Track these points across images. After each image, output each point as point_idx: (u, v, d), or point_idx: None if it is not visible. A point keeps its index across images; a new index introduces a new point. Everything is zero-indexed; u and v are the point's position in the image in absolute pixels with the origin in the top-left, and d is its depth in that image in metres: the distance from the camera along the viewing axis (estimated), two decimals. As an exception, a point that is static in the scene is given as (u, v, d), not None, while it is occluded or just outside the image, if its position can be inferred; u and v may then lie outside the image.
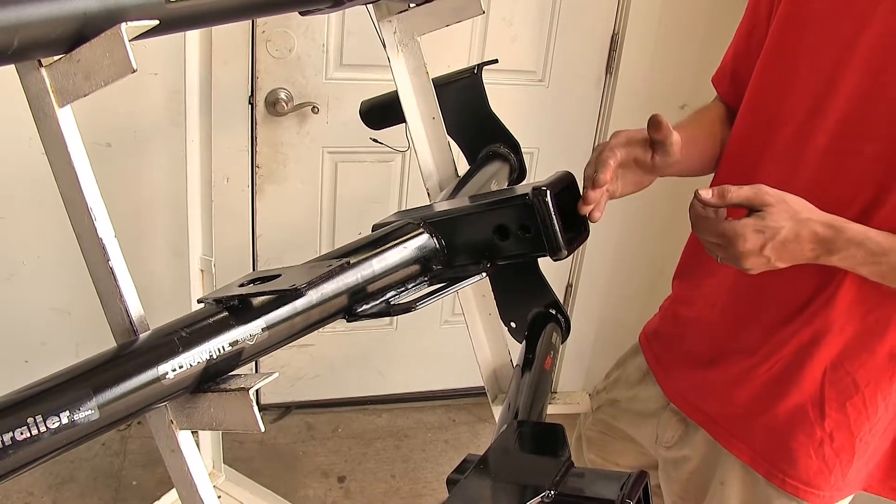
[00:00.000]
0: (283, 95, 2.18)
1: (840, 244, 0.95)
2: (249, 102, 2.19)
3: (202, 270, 1.87)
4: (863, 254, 0.95)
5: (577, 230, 0.91)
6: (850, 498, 1.20)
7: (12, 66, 0.65)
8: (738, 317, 1.20)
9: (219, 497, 2.14)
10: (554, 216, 0.85)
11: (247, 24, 2.09)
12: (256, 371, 2.50)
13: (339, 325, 0.83)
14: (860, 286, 1.04)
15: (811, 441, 1.13)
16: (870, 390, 1.09)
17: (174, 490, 2.23)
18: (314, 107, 2.21)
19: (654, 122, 1.02)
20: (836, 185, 1.03)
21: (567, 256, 0.88)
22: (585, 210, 0.98)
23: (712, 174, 1.27)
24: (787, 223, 0.93)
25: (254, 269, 2.40)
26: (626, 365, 1.47)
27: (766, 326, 1.15)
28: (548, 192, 0.85)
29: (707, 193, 0.95)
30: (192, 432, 0.75)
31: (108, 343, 0.70)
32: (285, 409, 2.79)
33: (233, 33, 2.08)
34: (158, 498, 2.15)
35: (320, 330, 0.80)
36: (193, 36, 1.64)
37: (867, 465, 1.17)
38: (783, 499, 1.17)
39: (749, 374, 1.18)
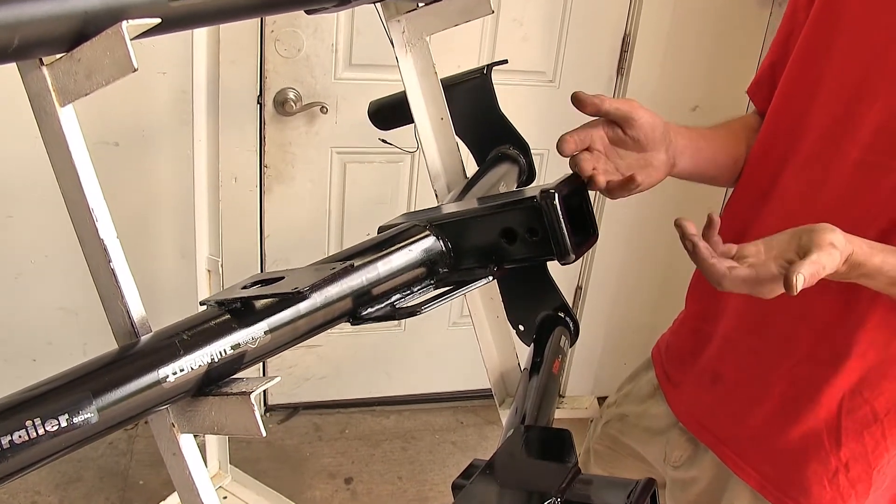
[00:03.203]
0: (291, 95, 2.18)
1: (852, 276, 0.91)
2: (258, 102, 2.19)
3: (209, 271, 1.86)
4: (874, 284, 0.93)
5: (585, 233, 0.90)
6: None
7: (16, 66, 0.65)
8: (754, 336, 1.16)
9: (225, 498, 2.15)
10: (562, 219, 0.84)
11: (255, 23, 2.08)
12: (264, 372, 2.50)
13: (347, 326, 0.82)
14: (887, 312, 1.01)
15: (825, 470, 1.10)
16: (889, 420, 1.05)
17: (179, 491, 2.20)
18: (323, 107, 2.21)
19: (574, 100, 0.99)
20: (863, 200, 1.00)
21: (575, 260, 0.86)
22: (598, 185, 0.96)
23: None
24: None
25: (262, 270, 2.40)
26: (638, 379, 1.44)
27: (783, 346, 1.12)
28: (556, 194, 0.84)
29: (801, 281, 0.80)
30: (195, 435, 0.74)
31: (115, 343, 0.70)
32: (292, 409, 2.78)
33: (241, 32, 2.07)
34: (165, 498, 2.15)
35: (328, 331, 0.79)
36: (201, 35, 1.63)
37: (885, 496, 1.13)
38: None
39: (762, 395, 1.15)
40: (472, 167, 1.20)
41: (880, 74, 0.99)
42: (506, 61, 1.24)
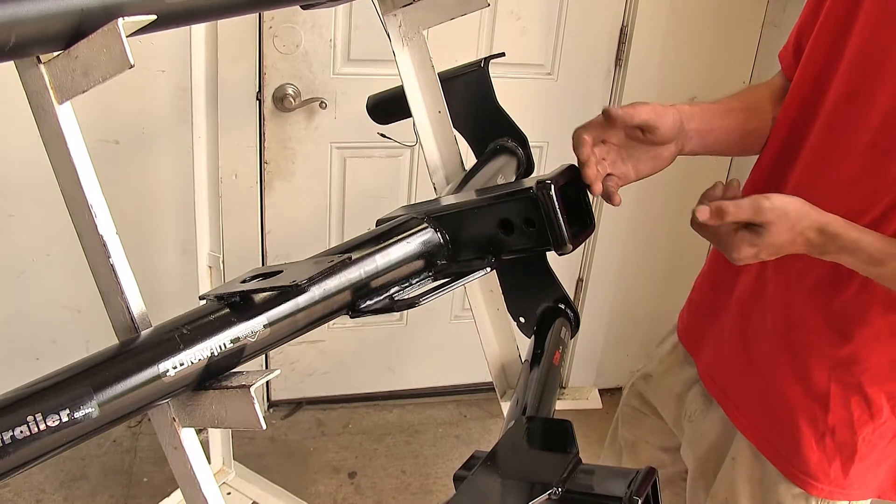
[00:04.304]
0: (290, 91, 2.18)
1: (831, 249, 0.94)
2: (257, 98, 2.19)
3: (210, 267, 1.87)
4: (854, 261, 0.95)
5: (582, 224, 0.90)
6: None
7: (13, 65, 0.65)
8: (759, 298, 1.19)
9: (229, 494, 2.16)
10: (558, 210, 0.85)
11: (253, 19, 2.08)
12: (267, 366, 2.50)
13: (349, 320, 0.83)
14: (874, 291, 1.03)
15: (814, 432, 1.13)
16: (874, 391, 1.08)
17: (183, 487, 2.22)
18: (322, 102, 2.21)
19: (606, 116, 1.01)
20: (870, 182, 1.01)
21: (572, 251, 0.87)
22: (596, 191, 0.97)
23: (755, 155, 1.23)
24: (784, 237, 0.92)
25: (263, 266, 2.40)
26: (664, 342, 1.48)
27: (782, 310, 1.15)
28: (552, 185, 0.84)
29: (703, 214, 0.92)
30: (197, 430, 0.74)
31: (117, 340, 0.70)
32: (296, 404, 2.79)
33: (240, 29, 2.07)
34: (169, 494, 2.15)
35: (330, 325, 0.80)
36: (199, 32, 1.63)
37: (877, 469, 1.15)
38: (785, 483, 1.17)
39: (764, 355, 1.18)
40: (470, 160, 1.20)
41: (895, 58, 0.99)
42: (503, 54, 1.24)
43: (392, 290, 0.83)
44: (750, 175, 1.25)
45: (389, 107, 1.30)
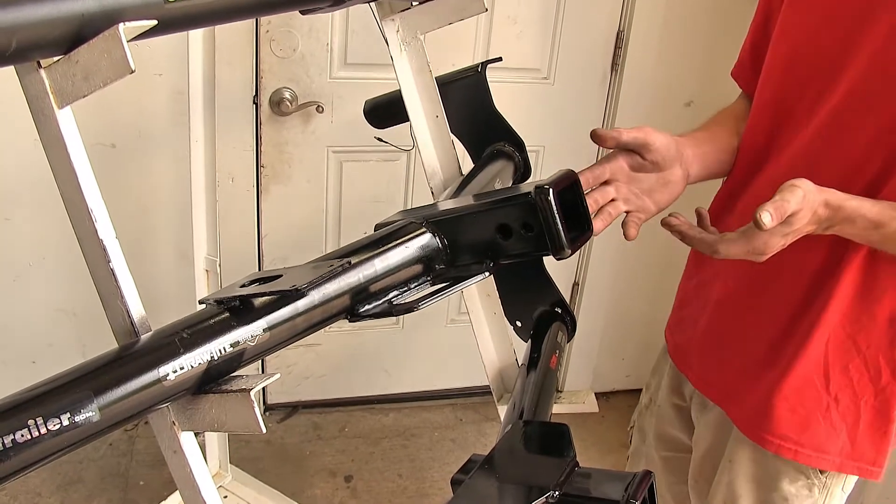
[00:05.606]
0: (287, 95, 2.18)
1: (836, 221, 0.97)
2: (254, 102, 2.19)
3: (207, 271, 1.87)
4: (855, 230, 0.98)
5: (580, 228, 0.90)
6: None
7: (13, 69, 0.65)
8: (751, 295, 1.20)
9: (225, 497, 2.15)
10: (557, 215, 0.85)
11: (251, 23, 2.09)
12: (263, 370, 2.50)
13: (346, 324, 0.83)
14: (862, 258, 1.06)
15: (819, 407, 1.14)
16: (871, 353, 1.10)
17: (180, 490, 2.22)
18: (319, 106, 2.21)
19: (594, 138, 1.06)
20: (840, 162, 1.05)
21: (570, 255, 0.87)
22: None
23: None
24: (807, 218, 0.94)
25: (260, 269, 2.40)
26: (659, 370, 1.48)
27: (776, 299, 1.16)
28: (550, 190, 0.84)
29: (768, 217, 0.86)
30: (195, 433, 0.75)
31: (114, 344, 0.70)
32: (292, 408, 2.79)
33: (237, 33, 2.08)
34: (165, 498, 2.15)
35: (327, 329, 0.80)
36: (197, 36, 1.64)
37: (883, 440, 1.15)
38: (792, 471, 1.18)
39: (760, 350, 1.19)
40: (467, 164, 1.21)
41: (859, 44, 1.02)
42: (500, 59, 1.25)
43: (391, 295, 0.83)
44: (723, 184, 1.28)
45: (386, 111, 1.30)
